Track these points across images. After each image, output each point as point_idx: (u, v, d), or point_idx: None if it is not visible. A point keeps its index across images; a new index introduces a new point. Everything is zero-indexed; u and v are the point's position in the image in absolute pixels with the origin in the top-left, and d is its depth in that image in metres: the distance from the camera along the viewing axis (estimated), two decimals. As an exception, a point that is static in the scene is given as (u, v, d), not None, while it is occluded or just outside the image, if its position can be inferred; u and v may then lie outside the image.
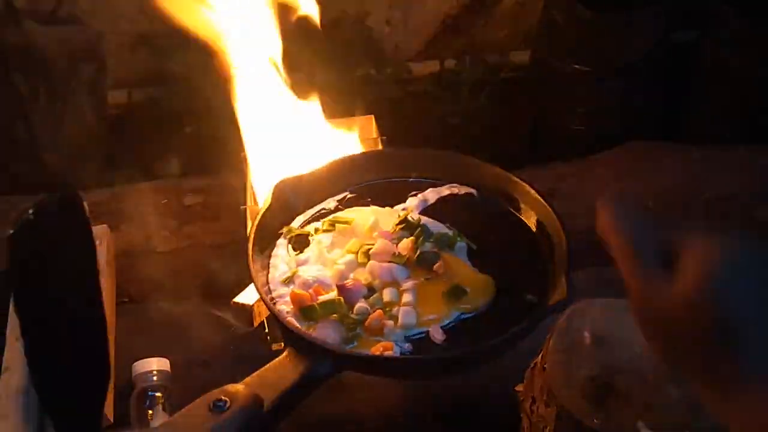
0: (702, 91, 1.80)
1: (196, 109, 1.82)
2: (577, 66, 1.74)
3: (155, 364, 1.06)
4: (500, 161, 0.96)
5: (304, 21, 1.19)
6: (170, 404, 1.02)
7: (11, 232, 0.37)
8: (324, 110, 1.23)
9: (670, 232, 0.52)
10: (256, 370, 1.19)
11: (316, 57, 1.87)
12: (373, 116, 1.36)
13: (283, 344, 0.76)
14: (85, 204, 0.40)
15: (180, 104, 1.84)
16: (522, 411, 1.01)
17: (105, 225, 1.28)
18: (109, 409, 1.02)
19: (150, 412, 1.01)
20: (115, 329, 1.16)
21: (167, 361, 1.07)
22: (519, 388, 1.03)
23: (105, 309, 0.39)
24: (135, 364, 1.06)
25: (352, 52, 1.96)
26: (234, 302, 1.04)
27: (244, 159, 1.27)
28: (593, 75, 1.73)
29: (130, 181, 1.52)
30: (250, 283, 1.05)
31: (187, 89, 1.83)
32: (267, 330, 1.17)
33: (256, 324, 1.06)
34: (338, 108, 1.32)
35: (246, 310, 1.03)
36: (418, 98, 1.99)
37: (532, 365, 1.00)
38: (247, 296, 1.04)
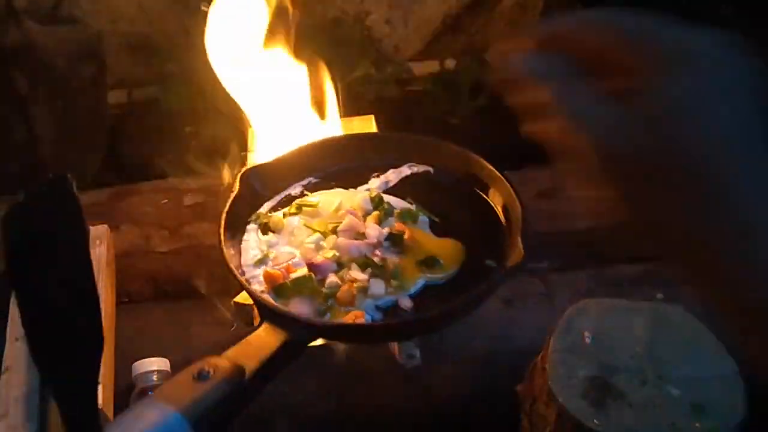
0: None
1: (196, 109, 1.81)
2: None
3: (155, 364, 1.06)
4: (500, 161, 0.97)
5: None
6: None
7: (3, 214, 0.39)
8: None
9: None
10: (256, 370, 1.19)
11: (316, 57, 1.87)
12: (372, 116, 1.36)
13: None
14: (75, 188, 0.42)
15: (180, 104, 1.84)
16: (522, 411, 1.01)
17: (105, 225, 1.28)
18: (109, 409, 1.02)
19: (150, 412, 1.01)
20: (115, 329, 1.16)
21: (167, 361, 1.07)
22: (519, 388, 1.03)
23: (97, 289, 0.41)
24: (135, 364, 1.06)
25: (352, 52, 1.96)
26: (234, 302, 1.04)
27: (244, 158, 1.27)
28: (593, 75, 1.73)
29: (130, 181, 1.52)
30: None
31: (187, 89, 1.83)
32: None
33: (256, 324, 1.06)
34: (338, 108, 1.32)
35: (246, 310, 1.03)
36: (418, 98, 1.99)
37: (532, 365, 1.00)
38: (247, 296, 1.04)
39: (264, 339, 0.73)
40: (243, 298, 1.04)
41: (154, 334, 1.21)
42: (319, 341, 1.20)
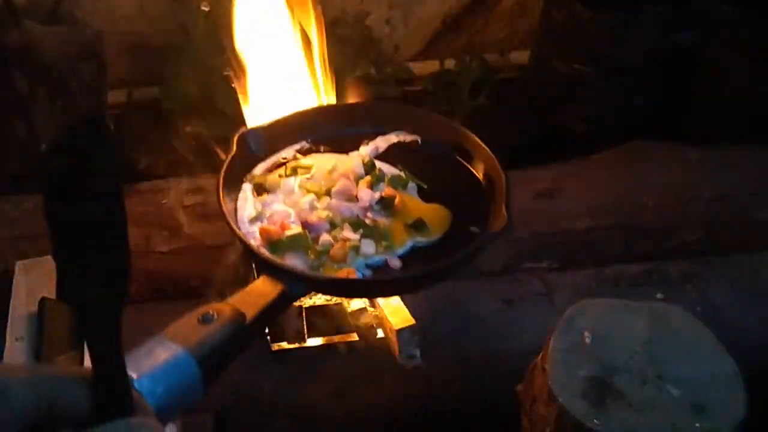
0: (702, 91, 1.80)
1: (196, 109, 1.82)
2: (577, 66, 1.74)
3: (155, 364, 1.06)
4: (500, 161, 0.98)
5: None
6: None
7: (44, 148, 0.43)
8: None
9: None
10: (256, 369, 1.19)
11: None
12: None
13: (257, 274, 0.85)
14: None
15: (180, 104, 1.84)
16: (522, 411, 1.01)
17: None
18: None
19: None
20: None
21: (167, 361, 1.07)
22: (519, 388, 1.03)
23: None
24: (135, 364, 1.06)
25: (352, 52, 1.96)
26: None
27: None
28: (593, 75, 1.73)
29: (130, 181, 1.52)
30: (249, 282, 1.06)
31: (187, 89, 1.83)
32: (267, 330, 1.17)
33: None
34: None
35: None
36: (418, 98, 1.99)
37: (532, 365, 1.00)
38: (247, 296, 1.04)
39: (263, 289, 0.77)
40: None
41: (154, 334, 1.21)
42: (319, 341, 1.21)
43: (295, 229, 0.91)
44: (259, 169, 1.01)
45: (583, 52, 1.74)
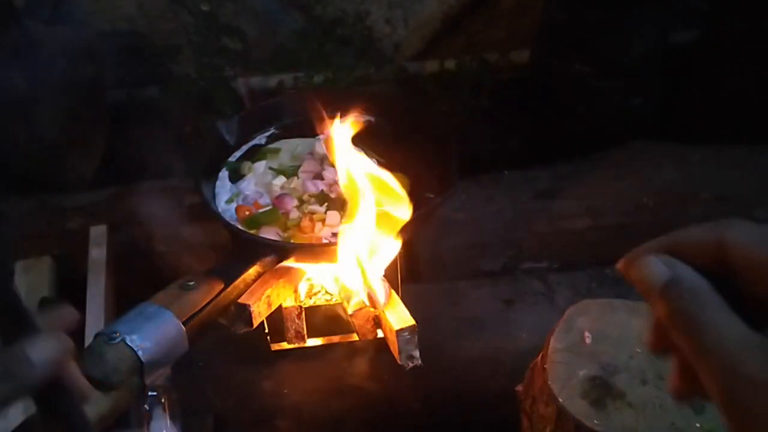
0: (702, 91, 1.80)
1: (196, 109, 1.82)
2: (577, 66, 1.74)
3: (155, 364, 1.06)
4: (500, 161, 0.99)
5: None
6: (170, 404, 1.02)
7: None
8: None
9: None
10: (256, 370, 1.19)
11: (316, 56, 1.88)
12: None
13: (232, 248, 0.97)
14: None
15: (180, 104, 1.84)
16: (522, 411, 1.01)
17: (105, 225, 1.28)
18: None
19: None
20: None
21: (167, 361, 1.07)
22: (519, 388, 1.03)
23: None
24: (135, 364, 1.06)
25: (352, 52, 1.96)
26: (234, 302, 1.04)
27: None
28: (593, 75, 1.73)
29: (130, 181, 1.52)
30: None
31: (187, 89, 1.83)
32: (267, 330, 1.17)
33: (255, 324, 1.06)
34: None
35: (246, 310, 1.03)
36: (418, 98, 1.99)
37: (532, 365, 1.00)
38: (247, 296, 1.04)
39: (238, 259, 0.85)
40: (243, 298, 1.04)
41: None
42: (319, 341, 1.21)
43: (267, 206, 1.01)
44: (233, 157, 1.10)
45: (583, 52, 1.74)
